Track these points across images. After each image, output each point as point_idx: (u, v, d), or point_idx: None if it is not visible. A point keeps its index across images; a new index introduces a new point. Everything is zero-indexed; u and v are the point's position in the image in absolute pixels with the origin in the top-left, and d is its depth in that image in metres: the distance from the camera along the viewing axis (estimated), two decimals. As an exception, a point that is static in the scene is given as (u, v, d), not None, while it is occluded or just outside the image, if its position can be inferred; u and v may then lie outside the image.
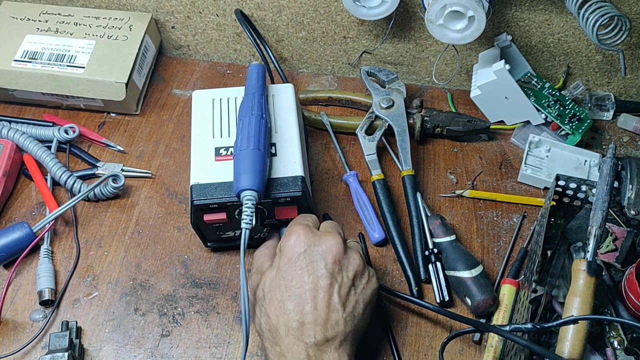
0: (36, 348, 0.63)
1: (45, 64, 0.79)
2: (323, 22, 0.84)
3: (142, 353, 0.64)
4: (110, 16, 0.85)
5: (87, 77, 0.78)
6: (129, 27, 0.83)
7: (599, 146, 0.82)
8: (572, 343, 0.55)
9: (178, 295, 0.68)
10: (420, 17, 0.80)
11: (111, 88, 0.78)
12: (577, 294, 0.57)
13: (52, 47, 0.81)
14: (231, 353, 0.64)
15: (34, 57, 0.79)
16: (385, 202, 0.73)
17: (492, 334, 0.63)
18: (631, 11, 0.75)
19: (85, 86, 0.78)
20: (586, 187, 0.68)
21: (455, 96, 0.87)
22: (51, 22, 0.83)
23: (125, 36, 0.82)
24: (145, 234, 0.73)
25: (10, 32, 0.82)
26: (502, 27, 0.81)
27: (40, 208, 0.74)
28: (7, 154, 0.74)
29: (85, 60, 0.79)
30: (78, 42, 0.81)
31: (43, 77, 0.78)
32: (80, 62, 0.79)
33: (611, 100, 0.84)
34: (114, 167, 0.77)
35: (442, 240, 0.69)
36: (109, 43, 0.82)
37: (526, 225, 0.74)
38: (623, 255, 0.67)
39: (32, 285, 0.68)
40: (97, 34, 0.82)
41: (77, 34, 0.82)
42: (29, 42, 0.81)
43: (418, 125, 0.79)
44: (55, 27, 0.82)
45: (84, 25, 0.83)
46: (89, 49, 0.81)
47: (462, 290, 0.66)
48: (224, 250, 0.71)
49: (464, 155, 0.81)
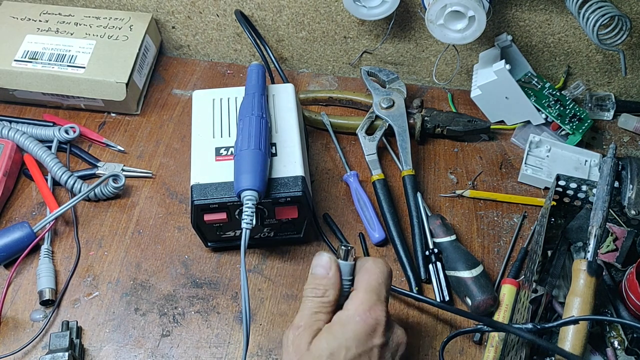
0: (37, 348, 0.63)
1: (45, 64, 0.79)
2: (323, 22, 0.84)
3: (143, 353, 0.64)
4: (111, 16, 0.85)
5: (87, 77, 0.78)
6: (130, 27, 0.83)
7: (599, 146, 0.82)
8: (572, 343, 0.55)
9: (178, 295, 0.68)
10: (420, 17, 0.80)
11: (112, 88, 0.78)
12: (578, 294, 0.57)
13: (52, 47, 0.81)
14: (231, 353, 0.64)
15: (35, 57, 0.79)
16: (385, 202, 0.73)
17: (493, 334, 0.63)
18: (631, 11, 0.75)
19: (86, 86, 0.79)
20: (586, 187, 0.68)
21: (455, 96, 0.87)
22: (52, 22, 0.83)
23: (126, 36, 0.82)
24: (145, 234, 0.73)
25: (10, 32, 0.82)
26: (502, 27, 0.81)
27: (40, 208, 0.74)
28: (8, 154, 0.74)
29: (85, 61, 0.79)
30: (78, 42, 0.81)
31: (43, 77, 0.78)
32: (80, 62, 0.79)
33: (611, 100, 0.84)
34: (115, 167, 0.77)
35: (442, 240, 0.69)
36: (110, 43, 0.82)
37: (526, 225, 0.74)
38: (623, 255, 0.67)
39: (33, 285, 0.68)
40: (98, 34, 0.82)
41: (77, 34, 0.82)
42: (29, 42, 0.81)
43: (418, 125, 0.79)
44: (56, 27, 0.82)
45: (85, 25, 0.83)
46: (90, 49, 0.81)
47: (463, 290, 0.66)
48: (224, 250, 0.71)
49: (464, 155, 0.81)
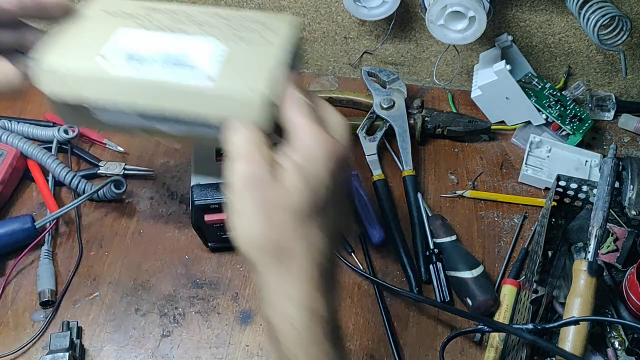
0: (37, 348, 0.63)
1: (151, 68, 0.45)
2: (324, 23, 0.84)
3: (143, 353, 0.64)
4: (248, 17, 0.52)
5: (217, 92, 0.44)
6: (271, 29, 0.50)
7: (599, 146, 0.82)
8: (573, 344, 0.55)
9: (179, 296, 0.68)
10: (421, 18, 0.80)
11: (250, 105, 0.44)
12: (578, 294, 0.57)
13: (160, 48, 0.47)
14: (232, 353, 0.64)
15: (134, 58, 0.46)
16: (386, 202, 0.73)
17: (493, 335, 0.63)
18: (632, 11, 0.75)
19: (218, 103, 0.45)
20: (587, 188, 0.68)
21: (456, 96, 0.87)
22: (158, 19, 0.51)
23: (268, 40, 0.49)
24: (146, 234, 0.73)
25: (100, 27, 0.49)
26: (502, 28, 0.81)
27: (41, 209, 0.74)
28: (9, 163, 0.73)
29: (215, 70, 0.45)
30: (200, 42, 0.48)
31: (149, 86, 0.45)
32: (207, 70, 0.45)
33: (612, 101, 0.84)
34: (116, 166, 0.77)
35: (442, 240, 0.69)
36: (245, 48, 0.48)
37: (527, 225, 0.74)
38: (624, 256, 0.67)
39: (33, 285, 0.68)
40: (228, 36, 0.49)
41: (196, 32, 0.49)
42: (124, 37, 0.48)
43: (419, 126, 0.79)
44: (165, 24, 0.50)
45: (209, 25, 0.50)
46: (219, 54, 0.46)
47: (463, 290, 0.66)
48: (225, 250, 0.71)
49: (464, 155, 0.81)
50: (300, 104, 0.43)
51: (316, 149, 0.41)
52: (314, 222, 0.40)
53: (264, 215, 0.40)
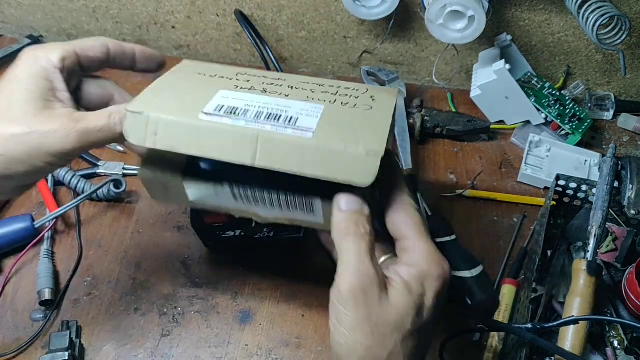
0: (36, 347, 0.63)
1: (251, 121, 0.44)
2: (323, 22, 0.84)
3: (143, 353, 0.64)
4: (343, 86, 0.52)
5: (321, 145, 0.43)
6: (371, 97, 0.50)
7: (599, 146, 0.82)
8: (572, 343, 0.55)
9: (178, 295, 0.68)
10: (420, 17, 0.80)
11: (357, 162, 0.42)
12: (578, 293, 0.57)
13: (260, 105, 0.47)
14: (231, 353, 0.64)
15: (234, 112, 0.45)
16: (385, 201, 0.73)
17: (492, 334, 0.63)
18: (631, 11, 0.75)
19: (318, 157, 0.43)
20: (586, 187, 0.68)
21: (455, 96, 0.87)
22: (254, 82, 0.51)
23: (369, 105, 0.49)
24: (145, 234, 0.73)
25: (197, 88, 0.49)
26: (502, 27, 0.81)
27: (40, 208, 0.74)
28: None
29: (313, 124, 0.44)
30: (297, 103, 0.47)
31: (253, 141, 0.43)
32: (305, 124, 0.44)
33: (611, 100, 0.84)
34: (115, 166, 0.77)
35: (442, 240, 0.69)
36: (346, 110, 0.48)
37: (526, 225, 0.74)
38: (623, 255, 0.67)
39: (33, 285, 0.68)
40: (325, 99, 0.49)
41: (293, 96, 0.49)
42: (223, 97, 0.47)
43: (418, 125, 0.79)
44: (262, 87, 0.50)
45: (305, 90, 0.51)
46: (317, 112, 0.46)
47: (462, 290, 0.66)
48: (224, 250, 0.71)
49: (464, 155, 0.81)
50: (411, 212, 0.44)
51: (428, 271, 0.42)
52: (414, 340, 0.42)
53: (369, 328, 0.40)
